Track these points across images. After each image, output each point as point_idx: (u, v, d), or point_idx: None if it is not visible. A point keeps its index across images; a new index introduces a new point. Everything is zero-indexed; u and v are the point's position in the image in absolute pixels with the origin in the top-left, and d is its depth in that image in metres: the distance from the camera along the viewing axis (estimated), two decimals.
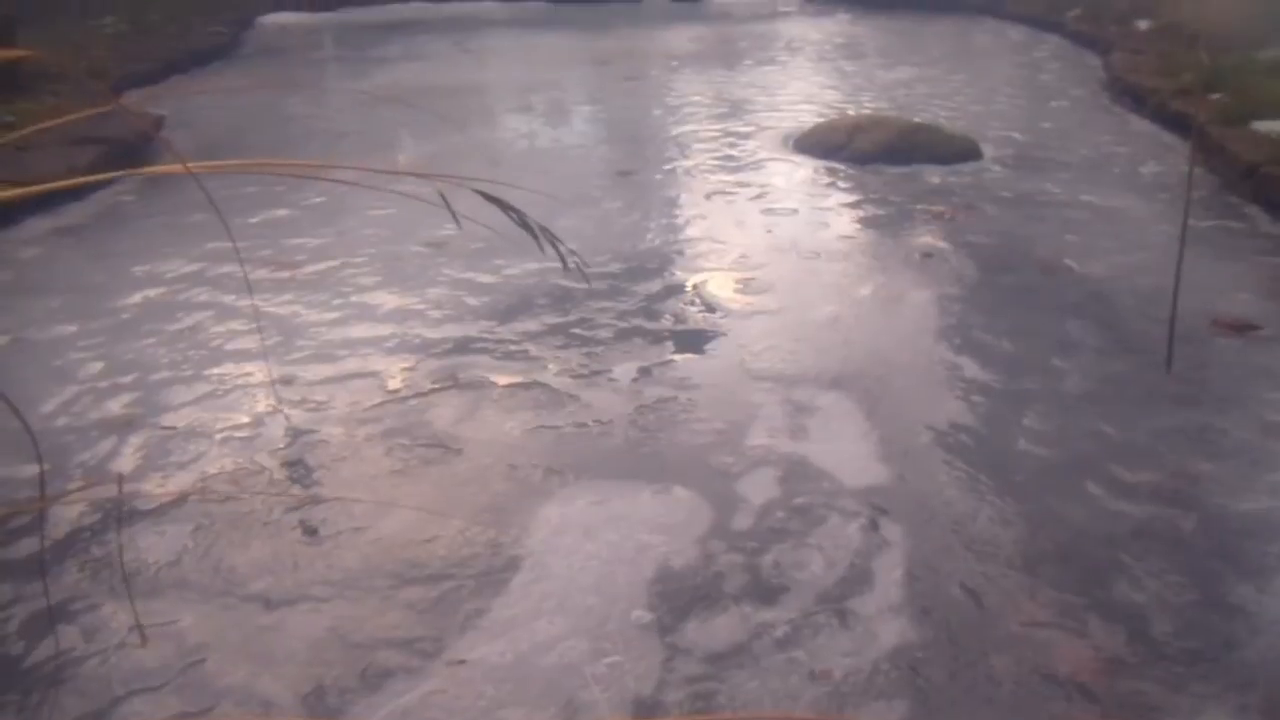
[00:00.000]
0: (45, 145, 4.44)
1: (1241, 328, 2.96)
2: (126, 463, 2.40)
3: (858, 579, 1.97)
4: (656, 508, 2.20)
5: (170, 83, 7.03)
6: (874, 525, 2.13)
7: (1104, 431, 2.47)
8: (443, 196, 1.47)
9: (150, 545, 2.10)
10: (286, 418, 2.58)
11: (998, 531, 2.12)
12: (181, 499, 2.25)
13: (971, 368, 2.78)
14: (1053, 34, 8.13)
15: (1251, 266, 3.43)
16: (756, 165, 4.72)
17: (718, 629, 1.84)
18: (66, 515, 2.20)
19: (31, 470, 2.36)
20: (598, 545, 2.07)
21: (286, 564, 2.05)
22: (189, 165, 1.55)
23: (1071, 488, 2.26)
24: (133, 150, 4.94)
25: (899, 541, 2.08)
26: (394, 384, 2.75)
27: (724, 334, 3.02)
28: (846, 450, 2.40)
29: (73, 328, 3.14)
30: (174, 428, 2.55)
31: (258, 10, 9.43)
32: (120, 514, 2.21)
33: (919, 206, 4.09)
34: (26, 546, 2.11)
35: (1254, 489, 2.26)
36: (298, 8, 9.65)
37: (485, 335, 3.03)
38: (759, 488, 2.26)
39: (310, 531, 2.14)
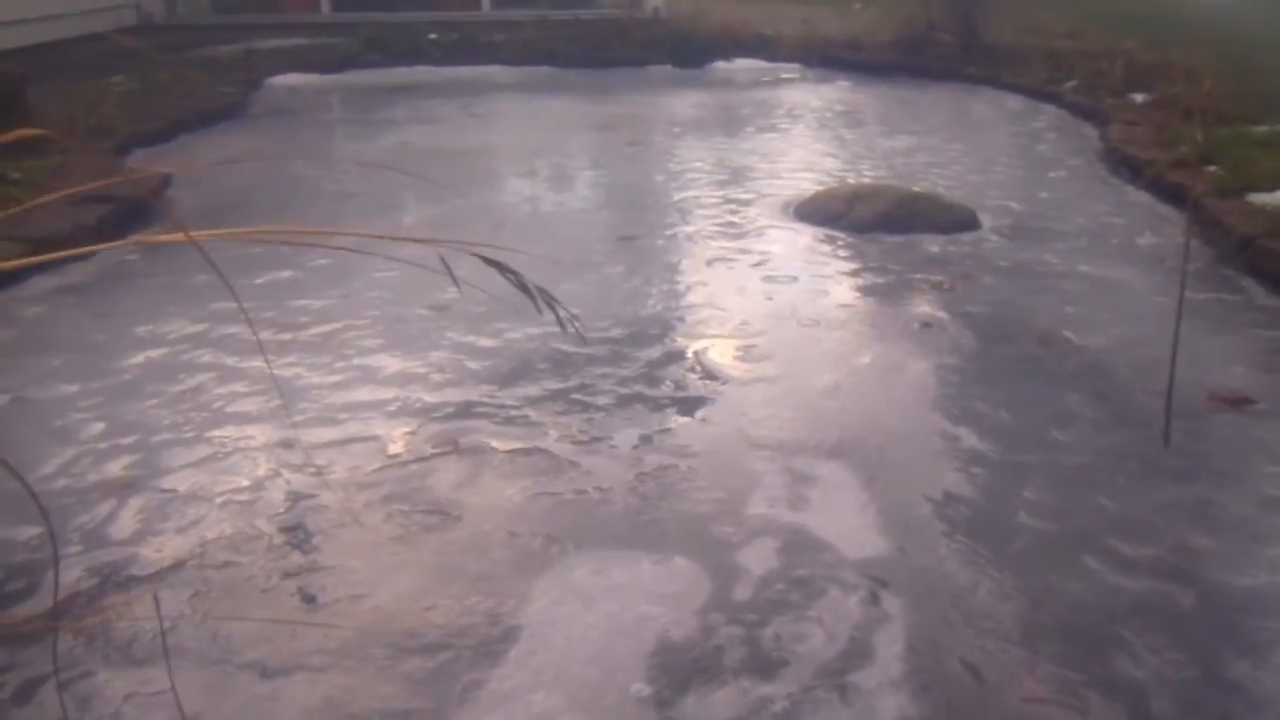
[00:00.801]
0: (50, 203, 4.47)
1: (1238, 402, 2.98)
2: (125, 526, 2.40)
3: (858, 653, 1.96)
4: (656, 578, 2.20)
5: (179, 141, 7.10)
6: (874, 598, 2.13)
7: (1103, 505, 2.48)
8: (444, 261, 1.50)
9: (147, 611, 2.09)
10: (287, 482, 2.58)
11: (998, 605, 2.11)
12: (179, 564, 2.25)
13: (970, 438, 2.79)
14: (1050, 104, 8.22)
15: (1247, 340, 3.45)
16: (757, 232, 4.76)
17: (717, 703, 1.83)
18: (62, 581, 2.19)
19: (30, 532, 2.37)
20: (597, 616, 2.07)
21: (284, 632, 2.04)
22: (190, 234, 1.58)
23: (1071, 561, 2.26)
24: (139, 209, 4.98)
25: (899, 615, 2.08)
26: (395, 448, 2.76)
27: (724, 401, 3.03)
28: (846, 521, 2.40)
29: (74, 388, 3.15)
30: (174, 491, 2.55)
31: (267, 71, 9.55)
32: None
33: (918, 276, 4.12)
34: (22, 613, 2.11)
35: (1253, 564, 2.26)
36: (307, 69, 9.78)
37: (486, 400, 3.04)
38: (759, 558, 2.26)
39: (308, 599, 2.14)
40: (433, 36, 10.63)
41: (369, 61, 10.16)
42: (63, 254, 1.27)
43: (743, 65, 10.63)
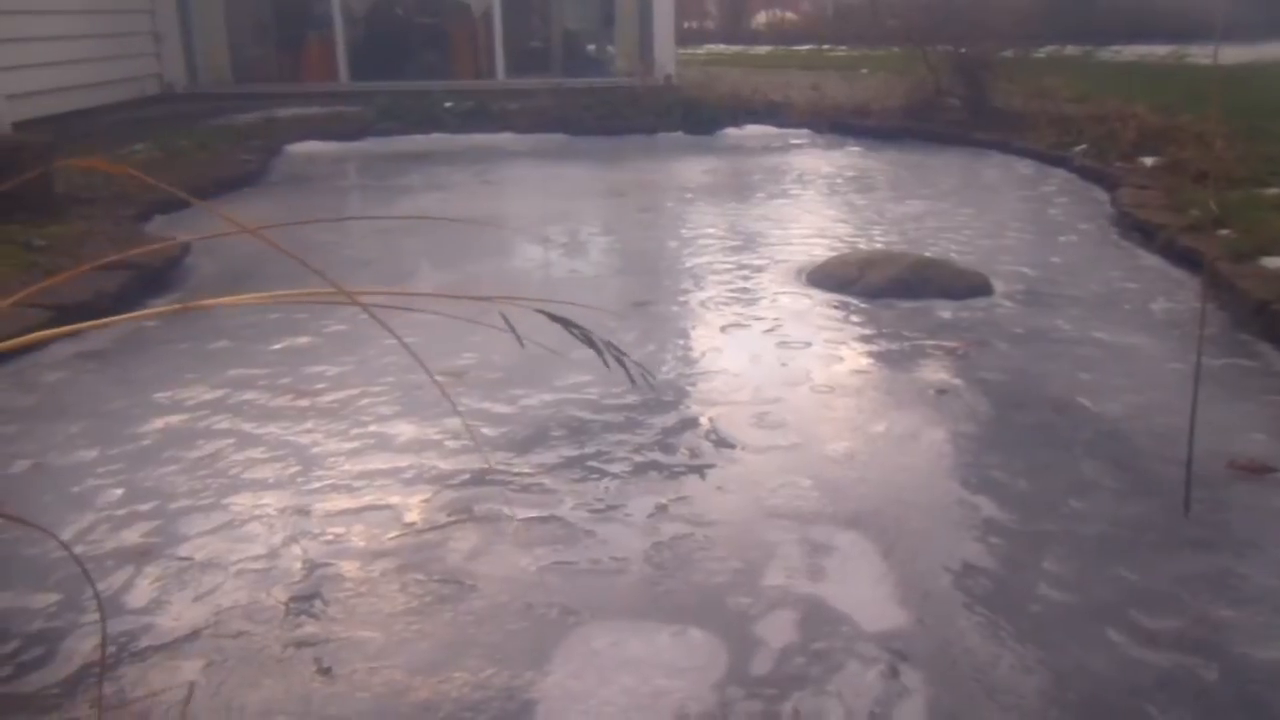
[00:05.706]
0: (72, 269, 4.53)
1: (1258, 470, 2.96)
2: (142, 594, 2.40)
3: None
4: (674, 650, 2.18)
5: (199, 208, 7.19)
6: (894, 672, 2.10)
7: (1124, 576, 2.45)
8: (505, 319, 1.54)
9: (161, 681, 2.09)
10: (303, 550, 2.58)
11: (1020, 680, 2.09)
12: (195, 633, 2.25)
13: (989, 507, 2.78)
14: (1059, 168, 8.28)
15: (1264, 406, 3.44)
16: (770, 298, 4.78)
17: None
18: (79, 649, 2.19)
19: (45, 599, 2.37)
20: (613, 690, 2.05)
21: (298, 703, 2.03)
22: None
23: (1093, 634, 2.23)
24: (159, 276, 5.05)
25: (920, 689, 2.05)
26: (410, 517, 2.76)
27: (739, 469, 3.02)
28: (865, 593, 2.39)
29: (93, 453, 3.16)
30: (190, 559, 2.55)
31: (286, 139, 9.70)
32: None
33: (931, 342, 4.13)
34: (36, 680, 2.10)
35: (1277, 637, 2.23)
36: (325, 137, 9.93)
37: (502, 467, 3.05)
38: (777, 631, 2.24)
39: (324, 670, 2.13)
40: (449, 105, 10.80)
41: (386, 129, 10.31)
42: (44, 334, 1.29)
43: (753, 131, 10.74)
